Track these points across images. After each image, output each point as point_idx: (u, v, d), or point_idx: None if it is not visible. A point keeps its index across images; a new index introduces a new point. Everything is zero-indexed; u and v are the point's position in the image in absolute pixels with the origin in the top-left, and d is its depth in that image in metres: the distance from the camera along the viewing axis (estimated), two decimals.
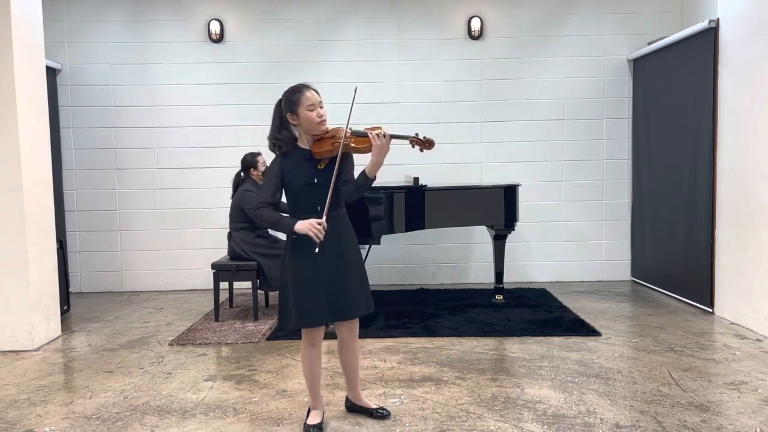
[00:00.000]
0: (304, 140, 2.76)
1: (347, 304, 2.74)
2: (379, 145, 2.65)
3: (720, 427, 2.79)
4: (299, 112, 2.69)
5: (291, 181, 2.72)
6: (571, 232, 6.32)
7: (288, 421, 2.95)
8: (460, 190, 5.12)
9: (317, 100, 2.71)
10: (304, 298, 2.69)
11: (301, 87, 2.72)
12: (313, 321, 2.73)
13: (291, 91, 2.73)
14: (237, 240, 4.90)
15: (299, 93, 2.69)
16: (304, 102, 2.68)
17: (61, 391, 3.42)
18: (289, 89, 2.74)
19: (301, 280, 2.71)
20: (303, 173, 2.70)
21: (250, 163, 4.98)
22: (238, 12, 6.19)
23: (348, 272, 2.76)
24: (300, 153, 2.74)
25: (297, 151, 2.75)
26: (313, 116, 2.68)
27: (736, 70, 4.53)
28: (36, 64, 4.42)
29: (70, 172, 6.22)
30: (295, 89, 2.72)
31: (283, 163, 2.73)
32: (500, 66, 6.23)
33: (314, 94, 2.71)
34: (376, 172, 2.68)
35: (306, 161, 2.73)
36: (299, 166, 2.71)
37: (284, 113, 2.72)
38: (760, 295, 4.28)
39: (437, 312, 5.00)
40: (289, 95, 2.72)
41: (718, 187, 4.75)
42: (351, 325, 2.86)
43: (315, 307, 2.70)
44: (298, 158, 2.73)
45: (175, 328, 4.75)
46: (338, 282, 2.73)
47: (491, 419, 2.91)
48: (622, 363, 3.70)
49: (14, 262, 4.19)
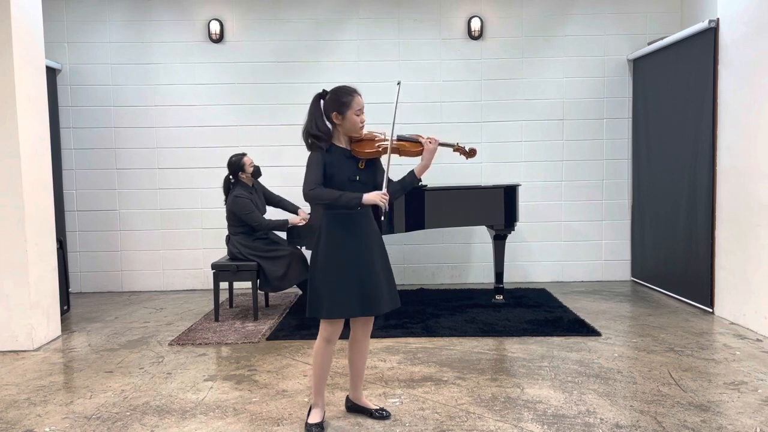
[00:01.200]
0: (341, 140, 2.80)
1: (377, 298, 2.76)
2: (431, 149, 2.81)
3: (720, 427, 2.79)
4: (347, 114, 2.73)
5: (335, 175, 2.74)
6: (571, 232, 6.33)
7: (288, 421, 2.95)
8: (460, 190, 5.12)
9: (363, 105, 2.78)
10: (336, 289, 2.72)
11: (353, 91, 2.76)
12: (343, 312, 2.74)
13: (342, 92, 2.75)
14: (235, 243, 4.89)
15: (351, 96, 2.73)
16: (354, 106, 2.73)
17: (61, 391, 3.42)
18: (340, 90, 2.76)
19: (335, 272, 2.73)
20: (346, 169, 2.75)
21: (237, 166, 4.94)
22: (238, 12, 6.19)
23: (378, 268, 2.79)
24: (339, 150, 2.78)
25: (336, 149, 2.78)
26: (358, 120, 2.75)
27: (736, 70, 4.53)
28: (36, 64, 4.42)
29: (70, 172, 6.22)
30: (346, 91, 2.75)
31: (325, 157, 2.75)
32: (500, 66, 6.23)
33: (362, 99, 2.78)
34: (423, 174, 2.85)
35: (347, 159, 2.78)
36: (342, 163, 2.76)
37: (329, 111, 2.75)
38: (760, 295, 4.28)
39: (437, 312, 5.00)
40: (340, 95, 2.74)
41: (718, 186, 4.75)
42: (366, 323, 2.89)
43: (347, 298, 2.72)
44: (338, 155, 2.77)
45: (175, 328, 4.75)
46: (369, 277, 2.76)
47: (491, 419, 2.91)
48: (622, 363, 3.70)
49: (14, 262, 4.19)
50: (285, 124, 6.17)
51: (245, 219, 4.80)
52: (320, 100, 2.78)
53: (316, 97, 2.79)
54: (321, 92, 2.80)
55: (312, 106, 2.78)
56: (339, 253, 2.74)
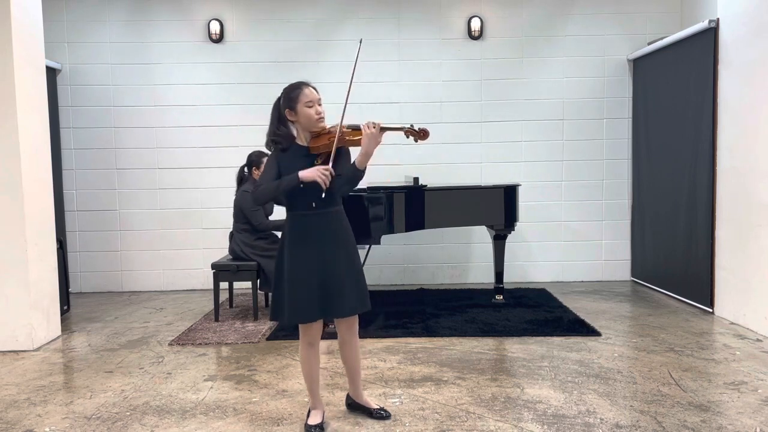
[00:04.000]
0: (302, 138, 2.78)
1: (340, 301, 2.73)
2: (369, 134, 2.67)
3: (720, 427, 2.79)
4: (298, 108, 2.71)
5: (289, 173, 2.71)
6: (571, 232, 6.32)
7: (288, 421, 2.95)
8: (460, 190, 5.12)
9: (316, 97, 2.74)
10: (296, 294, 2.70)
11: (300, 84, 2.75)
12: (303, 317, 2.73)
13: (290, 88, 2.76)
14: (238, 241, 4.89)
15: (298, 90, 2.72)
16: (302, 99, 2.71)
17: (61, 391, 3.42)
18: (288, 86, 2.77)
19: (295, 276, 2.71)
20: (299, 168, 2.69)
21: (254, 162, 4.93)
22: (238, 12, 6.19)
23: (342, 270, 2.75)
24: (297, 150, 2.76)
25: (294, 147, 2.77)
26: (312, 113, 2.71)
27: (736, 70, 4.53)
28: (36, 64, 4.42)
29: (70, 172, 6.22)
30: (293, 86, 2.75)
31: (280, 158, 2.74)
32: (500, 66, 6.23)
33: (312, 91, 2.74)
34: (365, 163, 2.69)
35: (303, 157, 2.74)
36: (296, 162, 2.72)
37: (282, 110, 2.75)
38: (760, 295, 4.28)
39: (437, 312, 5.00)
40: (288, 92, 2.75)
41: (718, 186, 4.75)
42: (349, 323, 2.86)
43: (306, 303, 2.70)
44: (295, 154, 2.75)
45: (175, 328, 4.75)
46: (331, 279, 2.72)
47: (491, 419, 2.91)
48: (622, 363, 3.70)
49: (14, 262, 4.19)
50: None
51: (248, 216, 4.80)
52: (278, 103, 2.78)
53: (275, 102, 2.79)
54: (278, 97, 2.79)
55: (272, 111, 2.79)
56: (297, 255, 2.70)
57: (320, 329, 2.85)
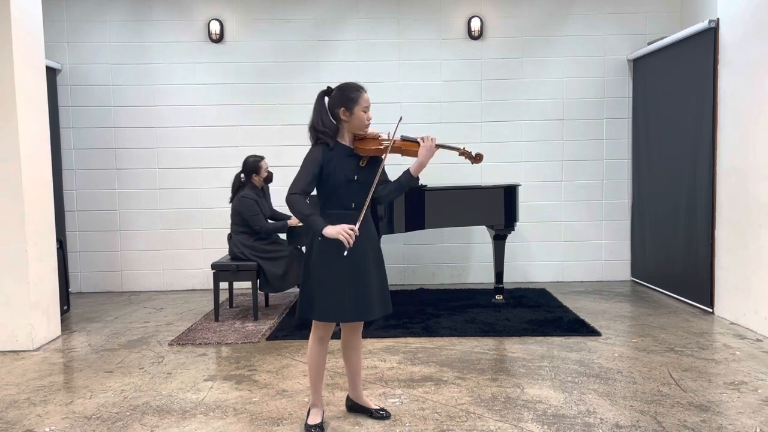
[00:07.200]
0: (345, 137, 2.78)
1: (369, 304, 2.74)
2: (427, 146, 2.73)
3: (720, 427, 2.79)
4: (355, 110, 2.71)
5: (331, 175, 2.70)
6: (571, 232, 6.32)
7: (288, 421, 2.95)
8: (460, 190, 5.12)
9: (370, 103, 2.76)
10: (330, 292, 2.69)
11: (360, 87, 2.75)
12: (336, 316, 2.72)
13: (348, 88, 2.73)
14: (236, 242, 4.89)
15: (358, 93, 2.72)
16: (362, 102, 2.72)
17: (61, 391, 3.42)
18: (347, 86, 2.75)
19: (329, 274, 2.70)
20: (345, 168, 2.70)
21: (252, 168, 4.92)
22: (238, 12, 6.19)
23: (372, 271, 2.77)
24: (342, 148, 2.75)
25: (340, 147, 2.75)
26: (365, 117, 2.73)
27: (736, 70, 4.53)
28: (36, 64, 4.42)
29: (70, 172, 6.22)
30: (353, 87, 2.74)
31: (324, 156, 2.71)
32: (500, 66, 6.23)
33: (368, 97, 2.76)
34: (419, 173, 2.76)
35: (348, 157, 2.74)
36: (342, 161, 2.71)
37: (336, 107, 2.73)
38: (760, 295, 4.28)
39: (437, 312, 5.00)
40: (348, 92, 2.72)
41: (718, 187, 4.75)
42: (356, 325, 2.88)
43: (340, 302, 2.69)
44: (340, 153, 2.73)
45: (175, 328, 4.75)
46: (363, 281, 2.73)
47: (491, 419, 2.91)
48: (622, 363, 3.70)
49: (14, 262, 4.19)
50: (285, 124, 6.18)
51: (248, 220, 4.80)
52: (325, 97, 2.76)
53: (320, 94, 2.77)
54: (326, 89, 2.78)
55: (317, 103, 2.76)
56: (333, 256, 2.69)
57: (333, 327, 2.84)
